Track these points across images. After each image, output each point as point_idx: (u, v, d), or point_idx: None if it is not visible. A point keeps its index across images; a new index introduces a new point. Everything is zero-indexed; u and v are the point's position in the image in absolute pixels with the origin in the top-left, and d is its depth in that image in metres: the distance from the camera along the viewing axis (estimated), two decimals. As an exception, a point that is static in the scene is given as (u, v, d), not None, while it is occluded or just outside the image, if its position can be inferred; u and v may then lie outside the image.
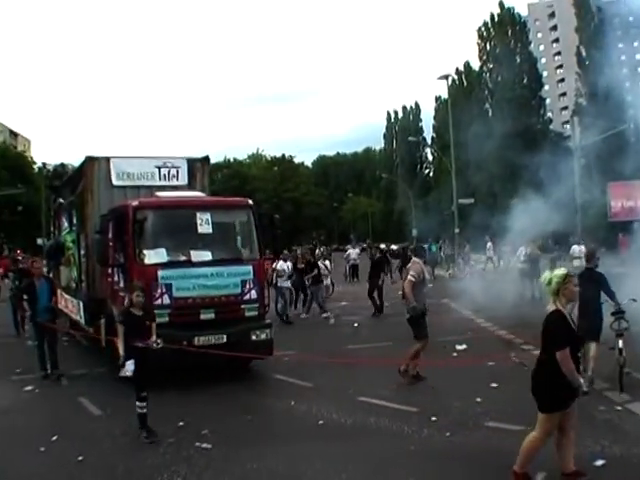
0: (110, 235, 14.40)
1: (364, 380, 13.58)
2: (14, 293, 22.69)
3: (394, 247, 76.15)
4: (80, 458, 9.51)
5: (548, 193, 35.60)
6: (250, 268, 14.66)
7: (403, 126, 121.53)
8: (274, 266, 24.63)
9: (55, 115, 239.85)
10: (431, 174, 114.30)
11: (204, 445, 9.94)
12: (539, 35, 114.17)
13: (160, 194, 15.63)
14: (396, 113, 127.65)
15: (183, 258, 14.15)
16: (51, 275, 19.60)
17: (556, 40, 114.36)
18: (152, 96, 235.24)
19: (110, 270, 14.89)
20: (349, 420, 11.08)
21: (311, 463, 9.03)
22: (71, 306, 19.02)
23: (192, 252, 14.20)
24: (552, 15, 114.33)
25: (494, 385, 12.95)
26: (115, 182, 16.45)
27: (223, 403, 12.60)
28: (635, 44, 75.60)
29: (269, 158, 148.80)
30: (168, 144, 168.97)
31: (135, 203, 14.25)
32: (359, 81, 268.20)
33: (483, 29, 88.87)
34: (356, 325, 23.30)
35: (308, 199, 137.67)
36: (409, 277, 13.71)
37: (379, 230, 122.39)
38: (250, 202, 15.71)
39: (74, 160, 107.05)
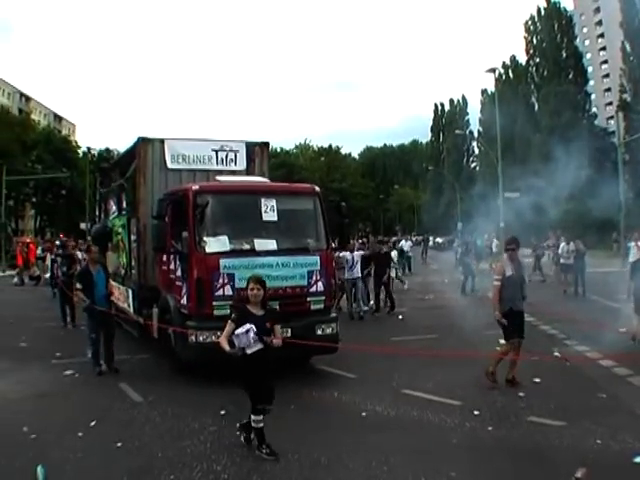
0: (167, 220, 14.06)
1: (408, 372, 13.57)
2: (63, 280, 22.24)
3: (439, 240, 75.70)
4: (119, 444, 9.50)
5: (591, 189, 35.35)
6: (317, 258, 13.99)
7: (450, 119, 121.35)
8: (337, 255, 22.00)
9: (101, 99, 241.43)
10: (477, 168, 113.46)
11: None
12: (584, 30, 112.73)
13: (221, 178, 15.16)
14: (443, 106, 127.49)
15: (246, 247, 13.48)
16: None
17: (601, 35, 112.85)
18: (202, 82, 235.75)
19: (165, 257, 14.60)
20: (392, 412, 11.06)
21: (353, 455, 9.00)
22: (118, 293, 18.33)
23: (256, 241, 13.52)
24: (597, 10, 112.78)
25: (537, 380, 12.85)
26: (170, 165, 16.02)
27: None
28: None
29: (316, 149, 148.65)
30: (218, 132, 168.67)
31: (196, 187, 13.74)
32: (407, 73, 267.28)
33: (530, 23, 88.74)
34: (401, 317, 23.25)
35: (355, 190, 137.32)
36: (493, 283, 13.16)
37: (424, 222, 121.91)
38: (317, 189, 15.03)
39: (119, 145, 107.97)
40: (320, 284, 13.92)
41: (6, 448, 9.37)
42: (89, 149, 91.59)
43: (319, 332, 13.72)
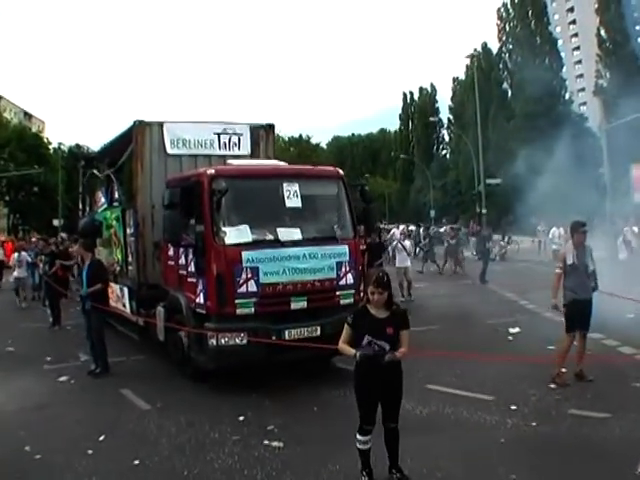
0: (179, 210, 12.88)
1: (427, 366, 12.65)
2: (45, 279, 22.00)
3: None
4: (136, 462, 8.62)
5: (574, 174, 35.07)
6: (346, 248, 12.88)
7: (420, 107, 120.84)
8: None
9: (69, 96, 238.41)
10: (448, 155, 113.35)
11: (274, 443, 9.14)
12: (556, 17, 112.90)
13: (234, 162, 14.04)
14: (412, 94, 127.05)
15: (270, 237, 12.31)
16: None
17: (573, 22, 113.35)
18: (173, 73, 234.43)
19: (173, 251, 13.53)
20: (424, 410, 10.44)
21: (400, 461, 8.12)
22: (110, 292, 16.53)
23: (279, 230, 12.36)
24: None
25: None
26: (169, 150, 14.95)
27: (283, 394, 11.60)
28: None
29: (286, 139, 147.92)
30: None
31: (211, 171, 12.45)
32: (375, 65, 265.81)
33: (503, 10, 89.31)
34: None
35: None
36: (555, 270, 12.38)
37: (396, 211, 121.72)
38: (341, 172, 13.86)
39: (88, 141, 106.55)
40: (350, 276, 12.85)
41: (9, 473, 8.41)
42: (60, 145, 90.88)
43: None
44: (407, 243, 25.22)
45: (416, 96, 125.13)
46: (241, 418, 10.35)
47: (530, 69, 78.60)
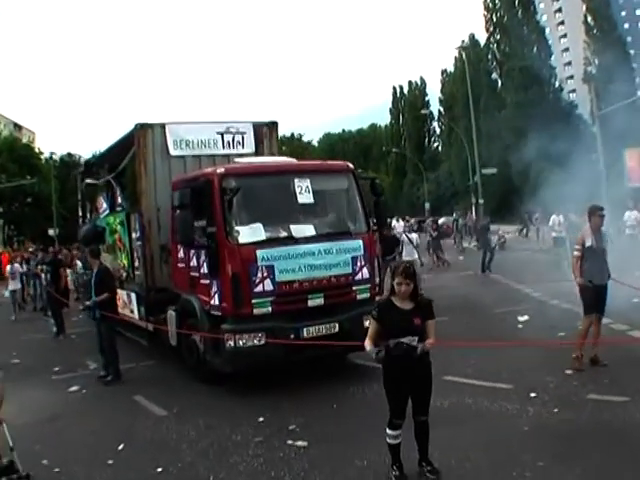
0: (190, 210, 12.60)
1: (440, 359, 12.30)
2: (49, 288, 21.73)
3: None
4: (159, 469, 8.46)
5: (567, 162, 35.04)
6: (360, 242, 12.69)
7: (410, 101, 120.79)
8: None
9: (58, 106, 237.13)
10: (440, 147, 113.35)
11: (298, 443, 9.01)
12: (542, 5, 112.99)
13: (241, 160, 13.83)
14: (402, 88, 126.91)
15: (283, 234, 12.18)
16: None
17: (559, 10, 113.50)
18: (160, 77, 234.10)
19: (183, 254, 13.32)
20: (445, 402, 10.28)
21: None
22: (117, 298, 15.75)
23: (292, 227, 12.23)
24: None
25: (574, 355, 12.06)
26: (172, 152, 14.78)
27: (300, 393, 11.45)
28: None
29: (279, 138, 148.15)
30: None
31: (221, 170, 12.30)
32: (356, 59, 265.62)
33: (489, 0, 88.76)
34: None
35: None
36: (573, 253, 12.36)
37: (390, 205, 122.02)
38: (351, 166, 13.75)
39: (80, 150, 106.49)
40: (365, 271, 12.67)
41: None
42: (52, 155, 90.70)
43: (367, 323, 11.67)
44: (414, 236, 24.95)
45: (405, 90, 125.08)
46: (261, 419, 10.22)
47: (518, 58, 78.84)
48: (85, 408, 11.94)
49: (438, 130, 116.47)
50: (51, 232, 72.87)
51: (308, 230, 12.38)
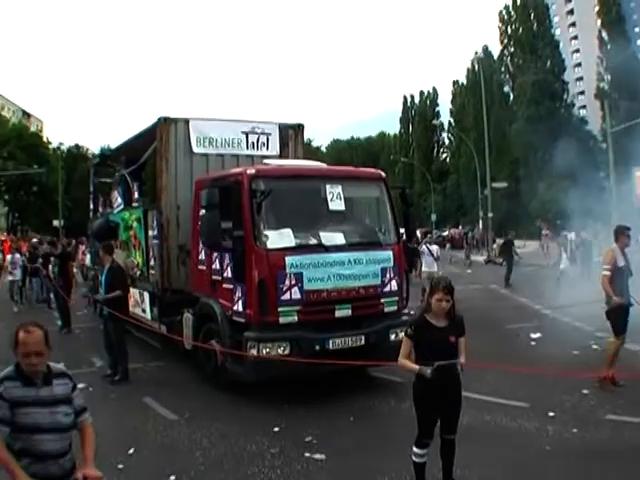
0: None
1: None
2: (56, 280, 21.31)
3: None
4: (172, 477, 8.15)
5: (577, 178, 34.94)
6: (390, 253, 12.37)
7: (420, 110, 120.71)
8: None
9: (67, 96, 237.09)
10: (448, 159, 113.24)
11: (316, 456, 8.78)
12: (556, 19, 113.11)
13: (270, 161, 13.50)
14: (412, 97, 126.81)
15: (313, 241, 11.79)
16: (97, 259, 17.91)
17: (572, 24, 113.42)
18: (170, 74, 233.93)
19: (205, 255, 12.88)
20: (463, 419, 9.76)
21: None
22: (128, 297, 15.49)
23: (322, 234, 11.85)
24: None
25: (603, 376, 11.96)
26: (195, 149, 14.41)
27: (316, 403, 11.20)
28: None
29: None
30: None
31: (252, 171, 11.87)
32: (367, 66, 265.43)
33: (504, 12, 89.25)
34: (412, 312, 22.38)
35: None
36: (603, 272, 12.04)
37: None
38: (383, 174, 13.40)
39: (88, 142, 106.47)
40: (394, 283, 12.37)
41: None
42: (60, 145, 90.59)
43: (392, 337, 11.96)
44: (434, 247, 24.63)
45: (416, 99, 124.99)
46: (276, 429, 9.98)
47: (531, 72, 78.74)
48: (92, 408, 11.33)
49: (447, 141, 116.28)
50: (56, 223, 72.87)
51: (338, 238, 12.08)
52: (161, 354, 14.97)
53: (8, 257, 27.62)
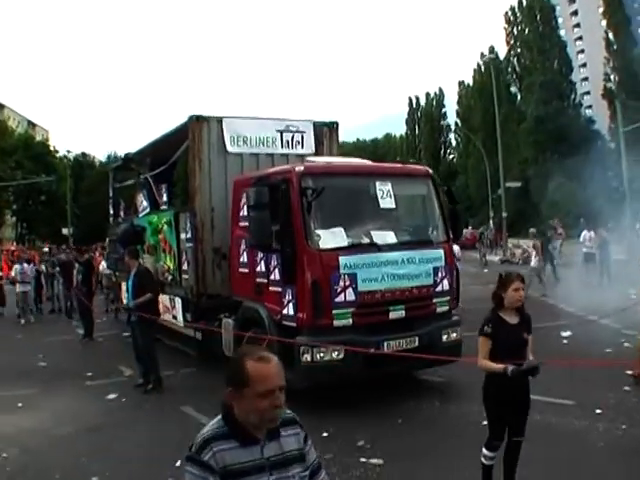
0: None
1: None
2: (81, 289, 21.23)
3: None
4: None
5: (588, 177, 34.73)
6: (442, 252, 12.18)
7: (426, 111, 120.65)
8: None
9: (72, 105, 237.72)
10: (455, 160, 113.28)
11: (373, 460, 8.56)
12: (560, 20, 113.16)
13: (315, 159, 13.08)
14: (418, 99, 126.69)
15: (366, 240, 11.49)
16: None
17: (577, 25, 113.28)
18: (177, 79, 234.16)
19: (248, 258, 12.49)
20: None
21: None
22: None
23: (374, 233, 11.55)
24: (573, 0, 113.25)
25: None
26: (229, 148, 14.15)
27: (362, 407, 10.99)
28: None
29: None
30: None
31: (300, 168, 11.57)
32: (372, 68, 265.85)
33: (510, 13, 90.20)
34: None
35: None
36: None
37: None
38: (431, 171, 13.28)
39: (94, 150, 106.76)
40: (445, 282, 12.10)
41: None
42: (68, 152, 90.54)
43: (445, 338, 11.90)
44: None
45: (422, 101, 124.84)
46: (325, 434, 9.73)
47: (538, 73, 78.76)
48: (128, 418, 11.26)
49: (454, 142, 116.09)
50: (65, 231, 72.87)
51: (389, 237, 11.77)
52: (190, 360, 14.78)
53: (16, 267, 26.67)
